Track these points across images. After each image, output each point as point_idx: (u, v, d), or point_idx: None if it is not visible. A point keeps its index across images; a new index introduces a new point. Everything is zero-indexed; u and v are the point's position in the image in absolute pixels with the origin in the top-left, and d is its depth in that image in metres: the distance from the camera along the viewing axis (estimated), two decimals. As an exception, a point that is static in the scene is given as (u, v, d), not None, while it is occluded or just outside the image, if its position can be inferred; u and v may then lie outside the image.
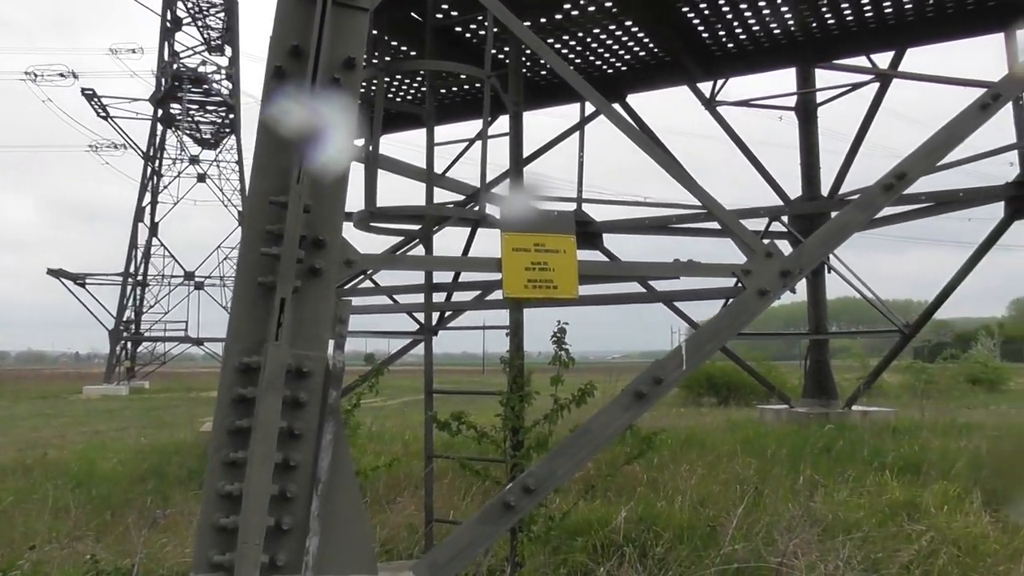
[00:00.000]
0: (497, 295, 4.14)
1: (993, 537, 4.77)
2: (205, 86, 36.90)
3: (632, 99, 9.52)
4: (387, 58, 4.64)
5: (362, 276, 6.61)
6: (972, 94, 3.97)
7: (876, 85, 10.47)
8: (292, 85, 2.54)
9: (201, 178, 40.16)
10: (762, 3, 7.20)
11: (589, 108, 9.83)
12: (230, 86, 37.64)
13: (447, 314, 6.99)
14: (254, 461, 2.28)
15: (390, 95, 9.20)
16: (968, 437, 8.86)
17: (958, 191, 8.93)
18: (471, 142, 4.99)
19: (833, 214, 10.92)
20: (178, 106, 37.06)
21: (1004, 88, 3.81)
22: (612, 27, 7.60)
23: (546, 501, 3.66)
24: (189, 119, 37.90)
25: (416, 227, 4.35)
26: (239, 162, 39.89)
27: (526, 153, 8.37)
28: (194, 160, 40.14)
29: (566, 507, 4.30)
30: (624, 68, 8.66)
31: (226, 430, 2.36)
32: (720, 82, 10.83)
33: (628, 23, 7.55)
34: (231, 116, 38.56)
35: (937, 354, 30.39)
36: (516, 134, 3.75)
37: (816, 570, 3.56)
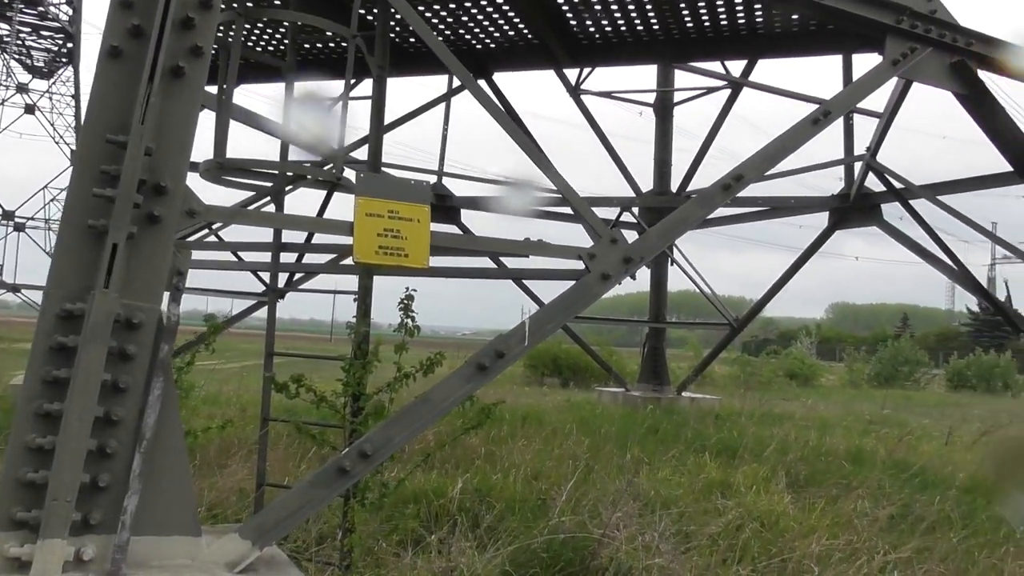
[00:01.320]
0: (349, 260, 4.08)
1: (792, 515, 5.23)
2: (40, 8, 33.61)
3: (500, 79, 9.59)
4: (248, 3, 4.43)
5: (206, 230, 6.32)
6: (810, 108, 4.30)
7: (729, 91, 11.08)
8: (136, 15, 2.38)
9: (30, 109, 36.71)
10: (628, -2, 7.44)
11: (457, 82, 9.81)
12: (70, 12, 34.51)
13: (295, 277, 6.81)
14: (71, 414, 2.15)
15: (250, 43, 8.79)
16: (780, 425, 9.64)
17: (790, 199, 9.64)
18: (333, 102, 4.87)
19: (679, 209, 11.53)
20: (6, 26, 33.57)
21: (833, 106, 4.15)
22: (484, 3, 7.61)
23: (382, 468, 3.67)
24: (19, 43, 34.46)
25: (268, 184, 4.20)
26: (75, 96, 36.72)
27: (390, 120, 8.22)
28: (22, 88, 36.59)
29: (403, 476, 4.33)
30: (493, 46, 8.70)
31: (41, 379, 2.21)
32: (586, 71, 11.10)
33: (500, 1, 7.59)
34: (69, 45, 35.40)
35: (762, 349, 32.69)
36: (379, 99, 3.70)
37: (635, 541, 3.78)
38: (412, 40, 8.56)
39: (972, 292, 7.78)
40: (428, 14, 7.82)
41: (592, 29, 8.18)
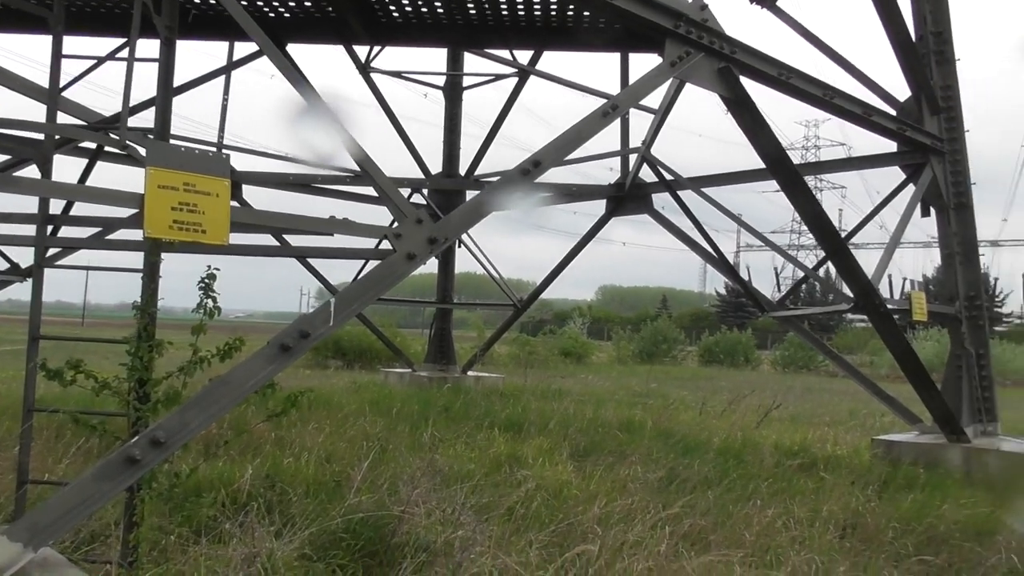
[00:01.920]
0: (121, 235, 3.76)
1: (575, 483, 5.58)
2: None
3: (293, 51, 9.19)
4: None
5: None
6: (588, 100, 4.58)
7: (516, 79, 11.44)
8: None
9: None
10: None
11: (239, 51, 9.29)
12: None
13: (50, 253, 6.12)
14: None
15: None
16: (560, 401, 10.20)
17: (573, 185, 10.18)
18: (100, 60, 4.44)
19: (469, 193, 11.79)
20: None
21: (621, 101, 4.46)
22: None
23: (170, 458, 3.45)
24: None
25: (29, 148, 3.77)
26: None
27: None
28: None
29: (187, 467, 4.09)
30: (287, 15, 8.32)
31: None
32: (376, 49, 10.96)
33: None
34: None
35: (539, 330, 34.19)
36: (168, 63, 3.44)
37: (434, 515, 3.87)
38: (199, 1, 7.98)
39: (726, 275, 8.70)
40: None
41: (391, 5, 8.08)
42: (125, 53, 3.43)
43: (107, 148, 4.65)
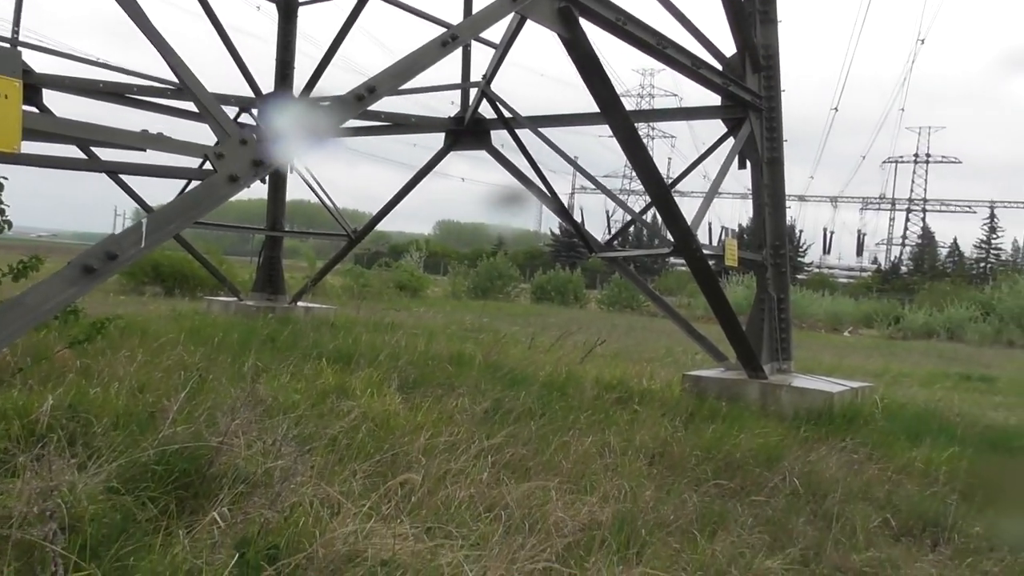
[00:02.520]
0: None
1: (403, 415, 5.62)
2: None
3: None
4: None
5: None
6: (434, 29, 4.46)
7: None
8: None
9: None
10: None
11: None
12: None
13: None
14: None
15: None
16: (392, 334, 10.18)
17: (411, 116, 9.98)
18: None
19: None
20: None
21: (460, 31, 4.38)
22: None
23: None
24: None
25: None
26: None
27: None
28: None
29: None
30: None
31: None
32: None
33: None
34: None
35: (374, 262, 33.77)
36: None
37: (254, 446, 3.77)
38: None
39: (558, 215, 8.92)
40: None
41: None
42: None
43: None
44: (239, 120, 10.83)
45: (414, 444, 4.84)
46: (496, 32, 9.03)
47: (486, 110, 9.56)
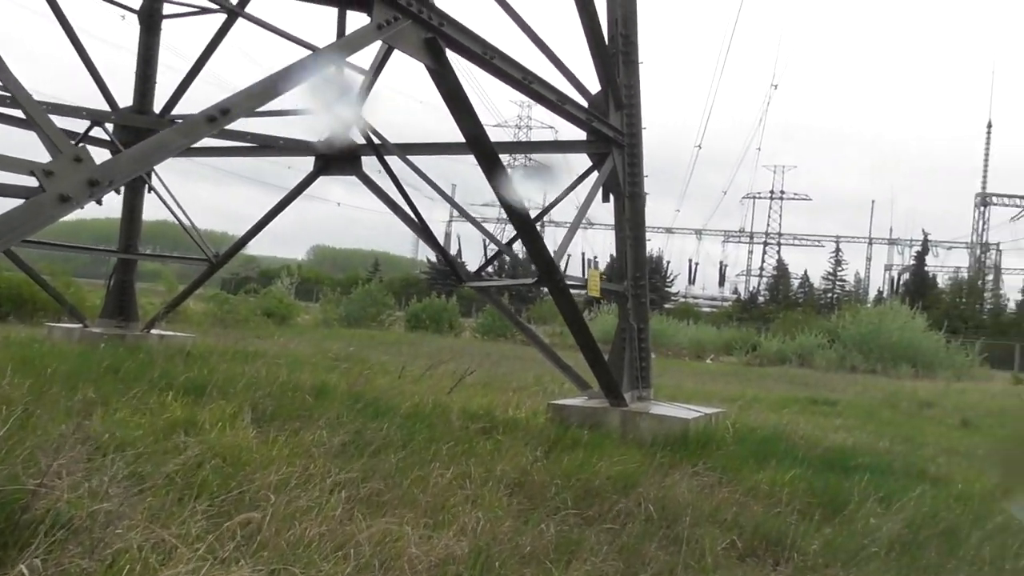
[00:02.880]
0: None
1: (255, 449, 5.38)
2: None
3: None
4: None
5: None
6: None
7: (226, 16, 10.60)
8: None
9: None
10: None
11: None
12: None
13: None
14: None
15: None
16: (253, 363, 9.79)
17: (279, 139, 9.71)
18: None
19: (160, 134, 10.72)
20: None
21: (323, 56, 4.30)
22: None
23: None
24: None
25: None
26: None
27: None
28: None
29: None
30: None
31: None
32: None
33: None
34: None
35: (242, 287, 32.53)
36: None
37: (80, 488, 3.49)
38: None
39: (427, 243, 8.89)
40: None
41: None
42: None
43: None
44: (91, 134, 10.21)
45: (265, 480, 4.64)
46: (367, 58, 8.97)
47: (358, 135, 9.43)
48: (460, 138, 7.58)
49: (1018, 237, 64.23)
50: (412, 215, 8.40)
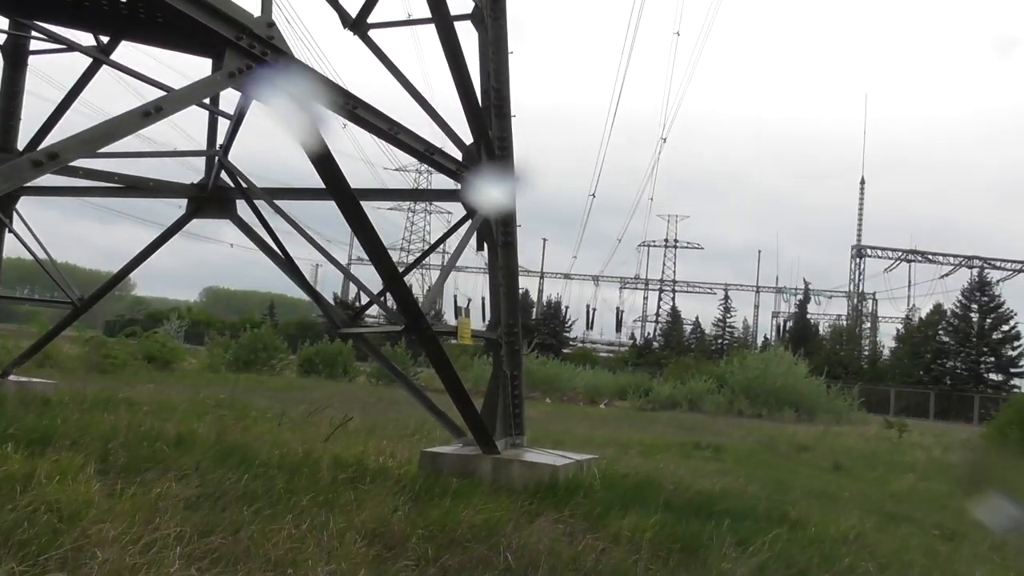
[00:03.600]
0: None
1: (97, 502, 5.14)
2: None
3: None
4: None
5: None
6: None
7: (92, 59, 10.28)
8: None
9: None
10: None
11: None
12: None
13: None
14: None
15: None
16: (115, 411, 9.35)
17: (149, 180, 9.44)
18: None
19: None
20: None
21: (166, 103, 4.26)
22: None
23: None
24: None
25: None
26: None
27: None
28: None
29: None
30: None
31: None
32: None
33: None
34: None
35: (125, 329, 31.07)
36: None
37: None
38: None
39: (303, 289, 8.77)
40: None
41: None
42: None
43: None
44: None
45: (101, 535, 4.44)
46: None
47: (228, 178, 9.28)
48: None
49: (892, 287, 68.73)
50: (285, 259, 8.29)
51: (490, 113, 8.15)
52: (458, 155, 7.97)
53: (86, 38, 8.72)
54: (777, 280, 79.09)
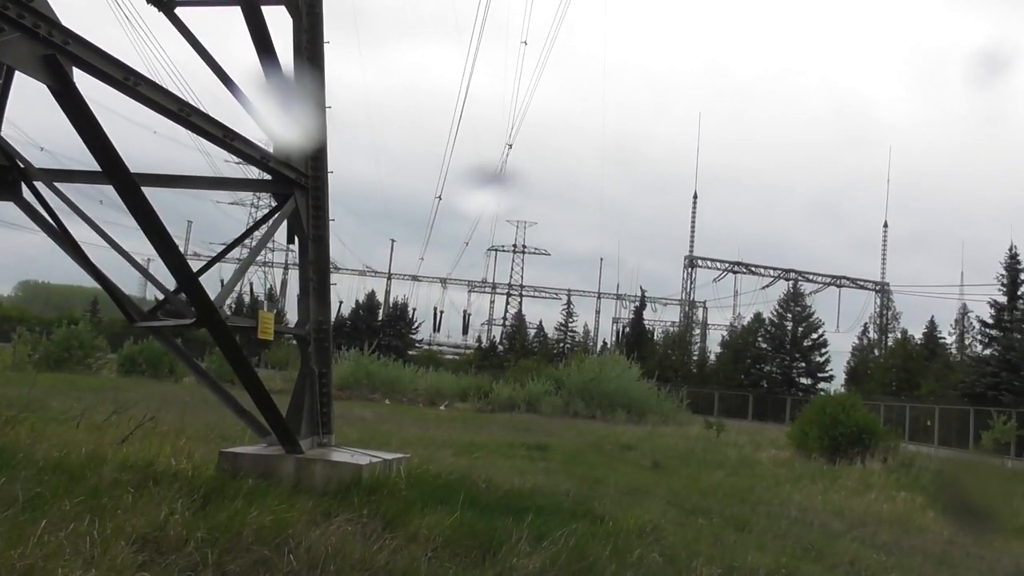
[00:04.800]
0: None
1: None
2: None
3: None
4: None
5: None
6: None
7: None
8: None
9: None
10: None
11: None
12: None
13: None
14: None
15: None
16: None
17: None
18: None
19: None
20: None
21: None
22: None
23: None
24: None
25: None
26: None
27: None
28: None
29: None
30: None
31: None
32: None
33: None
34: None
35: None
36: None
37: None
38: None
39: (95, 279, 8.11)
40: None
41: None
42: None
43: None
44: None
45: None
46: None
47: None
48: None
49: (720, 296, 73.22)
50: (73, 248, 7.65)
51: (304, 104, 7.89)
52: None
53: None
54: (618, 287, 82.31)
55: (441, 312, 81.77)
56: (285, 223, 8.02)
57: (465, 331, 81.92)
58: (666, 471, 16.04)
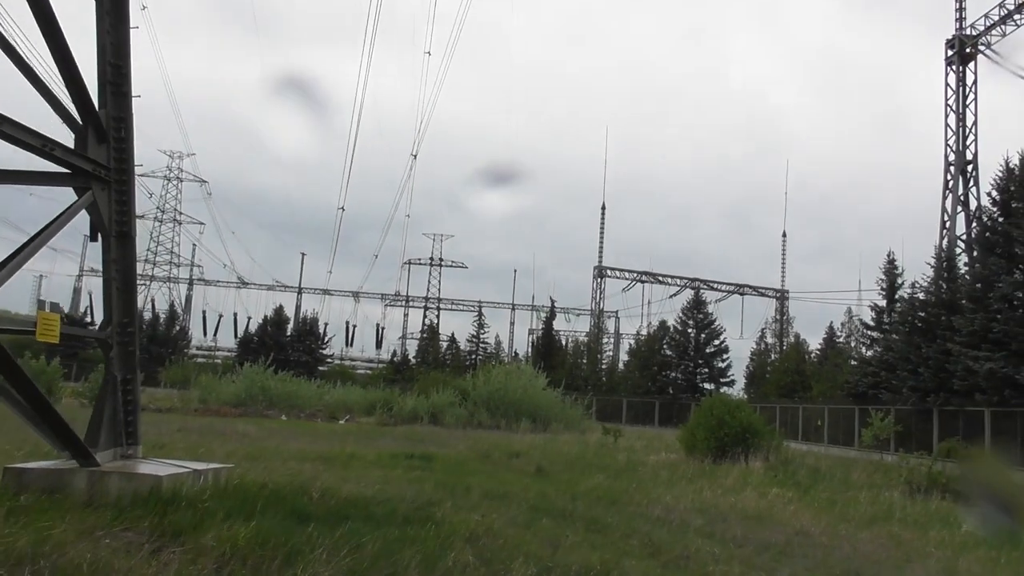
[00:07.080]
0: None
1: None
2: None
3: None
4: None
5: None
6: None
7: None
8: None
9: None
10: None
11: None
12: None
13: None
14: None
15: None
16: None
17: None
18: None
19: None
20: None
21: None
22: None
23: None
24: None
25: None
26: None
27: None
28: None
29: None
30: None
31: None
32: None
33: None
34: None
35: None
36: None
37: None
38: None
39: None
40: None
41: None
42: None
43: None
44: None
45: None
46: None
47: None
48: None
49: (629, 306, 74.25)
50: None
51: (107, 91, 7.40)
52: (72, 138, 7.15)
53: None
54: (533, 298, 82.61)
55: (354, 326, 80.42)
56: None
57: (379, 345, 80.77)
58: (548, 476, 15.86)
